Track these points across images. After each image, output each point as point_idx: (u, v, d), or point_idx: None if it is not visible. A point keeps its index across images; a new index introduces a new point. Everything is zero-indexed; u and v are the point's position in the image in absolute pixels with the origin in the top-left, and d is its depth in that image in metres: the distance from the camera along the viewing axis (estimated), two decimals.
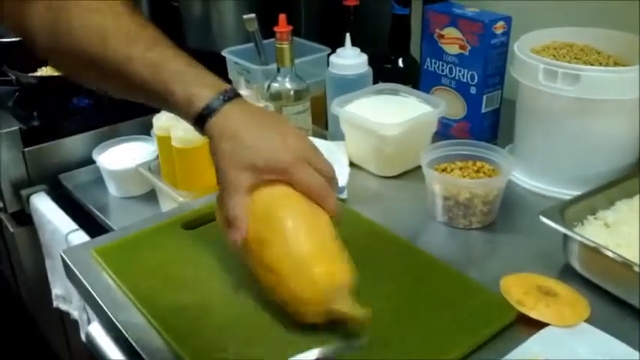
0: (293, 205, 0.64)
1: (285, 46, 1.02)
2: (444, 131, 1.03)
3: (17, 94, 1.23)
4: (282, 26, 1.01)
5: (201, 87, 0.65)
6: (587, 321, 0.65)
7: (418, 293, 0.70)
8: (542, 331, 0.64)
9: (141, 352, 0.65)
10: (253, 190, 0.64)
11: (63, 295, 1.16)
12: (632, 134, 0.86)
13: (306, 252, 0.62)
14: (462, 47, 0.98)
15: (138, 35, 0.66)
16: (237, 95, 0.66)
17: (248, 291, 0.69)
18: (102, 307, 0.71)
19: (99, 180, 1.14)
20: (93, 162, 1.14)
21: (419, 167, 0.96)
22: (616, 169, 0.85)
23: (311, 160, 0.65)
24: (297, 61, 1.07)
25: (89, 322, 1.07)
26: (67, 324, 1.25)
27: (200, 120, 0.64)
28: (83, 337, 1.06)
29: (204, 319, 0.66)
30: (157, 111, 1.01)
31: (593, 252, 0.68)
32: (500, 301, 0.68)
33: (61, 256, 0.79)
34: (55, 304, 1.18)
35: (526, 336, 0.64)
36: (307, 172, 0.64)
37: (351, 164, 0.97)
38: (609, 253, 0.66)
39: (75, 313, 1.14)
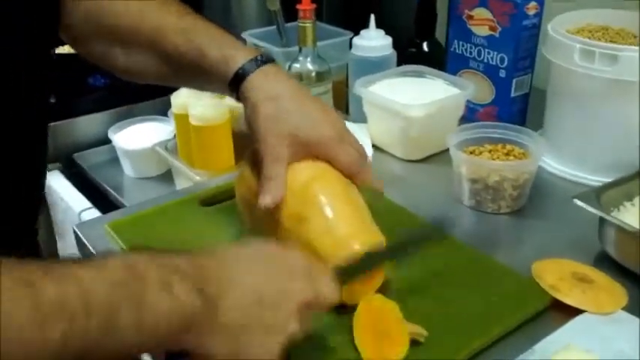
0: (331, 183, 0.62)
1: (308, 24, 0.98)
2: (470, 116, 1.00)
3: None
4: (306, 4, 0.97)
5: (236, 49, 0.63)
6: (624, 309, 0.62)
7: (447, 277, 0.67)
8: (577, 319, 0.61)
9: None
10: (291, 161, 0.62)
11: None
12: None
13: (347, 229, 0.60)
14: (492, 28, 0.94)
15: (169, 6, 0.67)
16: (272, 60, 0.64)
17: None
18: None
19: (114, 160, 1.12)
20: (108, 142, 1.12)
21: (444, 151, 0.93)
22: None
23: (346, 137, 0.64)
24: (318, 44, 1.04)
25: None
26: None
27: (235, 81, 0.62)
28: None
29: None
30: (174, 91, 0.98)
31: (632, 237, 0.65)
32: (532, 286, 0.64)
33: (74, 230, 0.77)
34: None
35: (559, 323, 0.61)
36: (345, 148, 0.63)
37: (374, 147, 0.94)
38: None
39: None
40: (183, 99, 0.95)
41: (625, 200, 0.73)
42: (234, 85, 0.62)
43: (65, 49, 1.30)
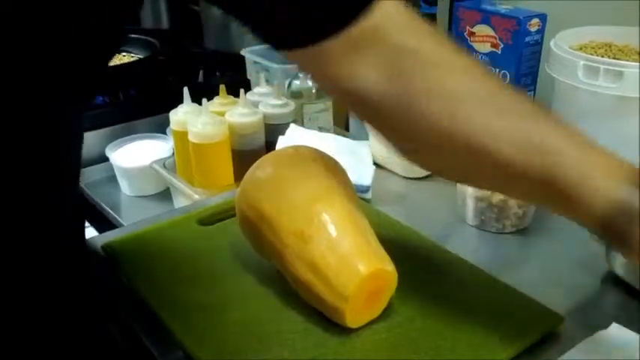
0: (337, 202, 0.61)
1: None
2: None
3: None
4: None
5: (606, 173, 0.48)
6: (635, 330, 0.60)
7: (452, 298, 0.65)
8: (587, 340, 0.59)
9: (152, 350, 0.60)
10: None
11: None
12: None
13: (352, 249, 0.58)
14: (494, 45, 0.94)
15: (493, 99, 0.50)
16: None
17: (269, 289, 0.65)
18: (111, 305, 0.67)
19: (111, 178, 1.11)
20: (105, 160, 1.10)
21: None
22: None
23: None
24: None
25: None
26: None
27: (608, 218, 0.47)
28: None
29: (222, 318, 0.62)
30: (172, 108, 0.97)
31: None
32: (540, 308, 0.63)
33: None
34: None
35: (570, 345, 0.59)
36: None
37: (376, 165, 0.92)
38: None
39: None
40: (182, 116, 0.94)
41: None
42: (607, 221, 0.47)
43: None
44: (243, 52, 1.26)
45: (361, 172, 0.84)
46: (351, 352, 0.58)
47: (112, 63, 1.32)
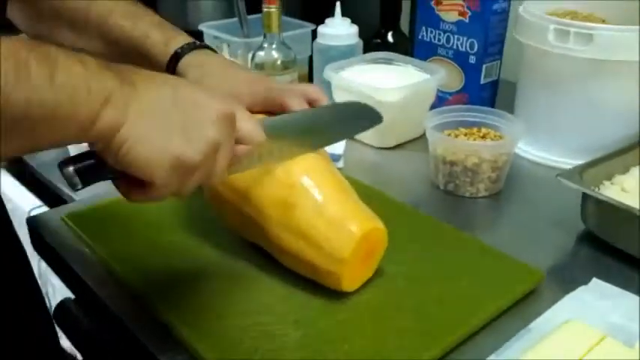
0: (317, 166, 0.59)
1: (273, 9, 0.94)
2: (440, 105, 0.97)
3: None
4: None
5: (177, 33, 0.67)
6: (614, 284, 0.60)
7: (433, 258, 0.64)
8: (569, 296, 0.59)
9: (127, 323, 0.57)
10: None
11: None
12: None
13: (341, 211, 0.56)
14: (461, 14, 0.93)
15: None
16: (209, 47, 0.68)
17: (240, 259, 0.63)
18: (78, 276, 0.63)
19: (65, 154, 1.05)
20: None
21: (416, 139, 0.92)
22: (626, 138, 0.81)
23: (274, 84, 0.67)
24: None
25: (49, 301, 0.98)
26: None
27: (173, 59, 0.65)
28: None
29: (197, 287, 0.59)
30: None
31: (617, 213, 0.64)
32: (521, 265, 0.62)
33: (27, 223, 0.71)
34: None
35: (551, 302, 0.58)
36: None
37: None
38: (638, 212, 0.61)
39: None
40: None
41: (604, 179, 0.72)
42: (172, 63, 0.64)
43: None
44: (201, 27, 1.21)
45: None
46: (334, 313, 0.56)
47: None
